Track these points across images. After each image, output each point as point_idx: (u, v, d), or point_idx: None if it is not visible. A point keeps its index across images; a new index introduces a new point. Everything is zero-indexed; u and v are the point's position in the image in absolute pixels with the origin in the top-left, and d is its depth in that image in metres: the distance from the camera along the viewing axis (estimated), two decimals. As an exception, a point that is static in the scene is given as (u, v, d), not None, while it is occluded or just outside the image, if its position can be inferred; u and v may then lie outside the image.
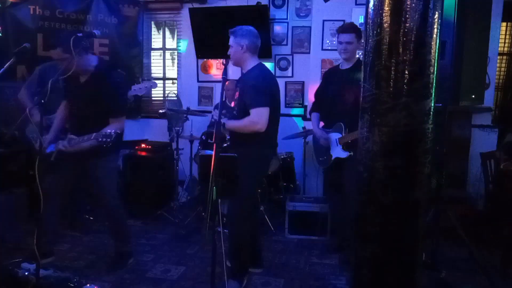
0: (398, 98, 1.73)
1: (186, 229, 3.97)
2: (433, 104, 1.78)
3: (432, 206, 2.83)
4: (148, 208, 4.34)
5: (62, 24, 4.75)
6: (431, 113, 1.78)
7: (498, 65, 4.52)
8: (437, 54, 1.76)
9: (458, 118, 4.14)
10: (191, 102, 5.24)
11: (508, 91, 4.84)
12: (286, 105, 5.01)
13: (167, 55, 5.63)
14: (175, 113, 4.28)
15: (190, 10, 4.98)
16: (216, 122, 2.41)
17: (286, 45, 5.02)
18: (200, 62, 5.31)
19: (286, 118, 4.69)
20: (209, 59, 5.27)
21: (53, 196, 2.90)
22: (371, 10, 1.79)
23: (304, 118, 4.87)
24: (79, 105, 2.94)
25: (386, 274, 1.87)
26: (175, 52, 5.56)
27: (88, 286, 2.54)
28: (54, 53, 2.81)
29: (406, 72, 1.72)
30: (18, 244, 3.43)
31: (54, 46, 2.78)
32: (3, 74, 2.66)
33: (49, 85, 2.31)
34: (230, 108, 3.68)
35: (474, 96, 2.70)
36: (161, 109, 4.51)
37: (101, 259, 3.32)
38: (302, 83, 5.01)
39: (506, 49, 4.76)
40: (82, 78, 2.91)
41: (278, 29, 5.01)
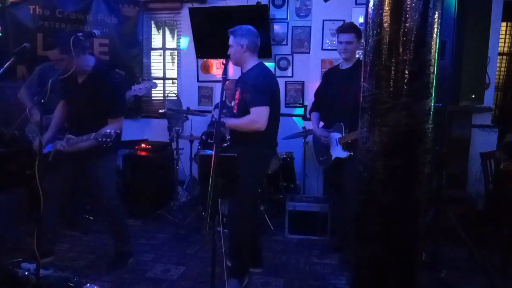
0: (398, 98, 1.73)
1: (186, 229, 3.97)
2: (433, 104, 1.78)
3: (432, 206, 2.83)
4: (148, 208, 4.34)
5: (62, 24, 4.75)
6: (431, 113, 1.78)
7: (498, 65, 4.52)
8: (437, 54, 1.76)
9: (458, 118, 4.14)
10: (191, 102, 5.24)
11: (508, 91, 4.84)
12: (286, 105, 5.01)
13: (167, 55, 5.63)
14: (175, 113, 4.27)
15: (190, 10, 4.98)
16: (216, 122, 2.41)
17: (286, 45, 5.02)
18: (200, 62, 5.31)
19: (286, 118, 4.69)
20: (209, 59, 5.27)
21: (52, 196, 2.90)
22: (371, 10, 1.79)
23: (304, 118, 4.87)
24: (77, 105, 2.93)
25: (386, 274, 1.87)
26: (175, 52, 5.56)
27: (88, 285, 2.54)
28: (51, 54, 2.79)
29: (406, 72, 1.71)
30: (18, 244, 3.44)
31: (51, 47, 2.77)
32: (3, 74, 2.66)
33: (49, 85, 2.31)
34: (230, 108, 3.68)
35: (474, 96, 2.70)
36: (161, 109, 4.51)
37: (101, 259, 3.32)
38: (302, 83, 5.01)
39: (506, 49, 4.76)
40: (80, 79, 2.91)
41: (278, 29, 5.01)
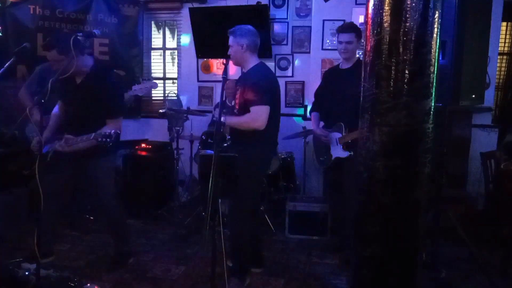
0: (398, 97, 1.73)
1: (186, 229, 3.97)
2: (433, 103, 1.78)
3: (432, 206, 2.83)
4: (148, 208, 4.33)
5: (62, 23, 4.75)
6: (431, 112, 1.78)
7: (498, 64, 4.52)
8: (437, 53, 1.76)
9: (458, 118, 4.14)
10: (191, 102, 5.24)
11: (508, 91, 4.84)
12: (286, 105, 5.01)
13: (167, 55, 5.63)
14: (175, 113, 4.27)
15: (190, 9, 4.98)
16: (216, 122, 2.41)
17: (286, 44, 5.02)
18: (200, 61, 5.31)
19: (286, 118, 4.69)
20: (209, 59, 5.27)
21: (50, 196, 2.89)
22: (371, 10, 1.79)
23: (304, 118, 4.86)
24: (75, 106, 2.92)
25: (386, 274, 1.87)
26: (175, 52, 5.56)
27: (88, 285, 2.54)
28: (49, 55, 2.77)
29: (406, 71, 1.72)
30: (18, 244, 3.44)
31: (49, 48, 2.76)
32: (3, 74, 2.66)
33: (49, 84, 2.30)
34: (230, 107, 3.68)
35: (474, 96, 2.70)
36: (161, 109, 4.51)
37: (101, 259, 3.31)
38: (302, 83, 5.01)
39: (506, 48, 4.76)
40: (78, 79, 2.90)
41: (278, 28, 5.01)
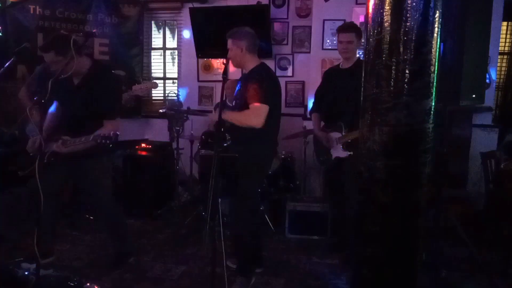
0: (399, 97, 1.73)
1: (186, 229, 3.97)
2: (433, 103, 1.77)
3: (432, 206, 2.83)
4: (148, 208, 4.33)
5: (62, 23, 4.75)
6: (432, 112, 1.77)
7: (498, 64, 4.52)
8: (437, 53, 1.76)
9: (458, 118, 4.14)
10: (192, 101, 5.24)
11: (508, 91, 4.84)
12: (286, 105, 5.01)
13: (168, 55, 5.63)
14: (175, 112, 4.27)
15: (191, 9, 4.98)
16: (216, 122, 2.41)
17: (287, 44, 5.02)
18: (200, 61, 5.31)
19: (286, 118, 4.67)
20: (209, 59, 5.27)
21: (48, 196, 2.88)
22: (372, 9, 1.79)
23: (304, 118, 4.86)
24: (73, 106, 2.90)
25: (386, 274, 1.87)
26: (176, 51, 5.56)
27: (88, 285, 2.53)
28: (47, 56, 2.76)
29: (407, 71, 1.71)
30: (18, 244, 3.44)
31: (47, 49, 2.74)
32: (3, 74, 2.65)
33: (49, 84, 2.30)
34: (230, 108, 3.67)
35: (474, 95, 2.70)
36: (161, 109, 4.51)
37: (101, 259, 3.31)
38: (303, 83, 5.01)
39: (506, 48, 4.76)
40: (76, 80, 2.89)
41: (279, 28, 5.01)
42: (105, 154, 2.95)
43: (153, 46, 5.60)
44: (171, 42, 5.60)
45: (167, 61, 5.63)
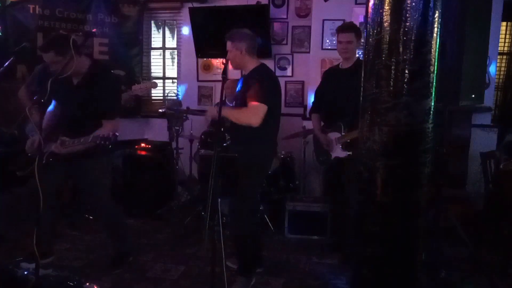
0: (399, 97, 1.73)
1: (186, 229, 3.97)
2: (433, 103, 1.77)
3: (432, 206, 2.83)
4: (148, 208, 4.33)
5: (62, 23, 4.75)
6: (431, 112, 1.77)
7: (498, 64, 4.52)
8: (437, 53, 1.76)
9: (458, 118, 4.14)
10: (191, 101, 5.23)
11: (508, 91, 4.84)
12: (286, 105, 5.01)
13: (167, 55, 5.63)
14: (175, 112, 4.27)
15: (190, 9, 4.98)
16: (216, 121, 2.41)
17: (286, 44, 5.02)
18: (200, 61, 5.30)
19: (286, 118, 4.68)
20: (209, 59, 5.27)
21: (49, 196, 2.88)
22: (371, 9, 1.78)
23: (303, 118, 4.86)
24: (72, 106, 2.90)
25: (387, 274, 1.87)
26: (175, 51, 5.55)
27: (88, 285, 2.53)
28: (46, 56, 2.76)
29: (407, 71, 1.71)
30: (18, 244, 3.44)
31: (47, 49, 2.73)
32: (3, 73, 2.65)
33: (49, 84, 2.30)
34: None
35: (474, 95, 2.70)
36: (161, 108, 4.51)
37: (101, 259, 3.31)
38: (302, 83, 5.01)
39: (506, 48, 4.76)
40: (75, 80, 2.88)
41: (278, 28, 5.01)
42: (104, 154, 2.95)
43: (152, 46, 5.60)
44: (171, 42, 5.60)
45: (167, 61, 5.63)
